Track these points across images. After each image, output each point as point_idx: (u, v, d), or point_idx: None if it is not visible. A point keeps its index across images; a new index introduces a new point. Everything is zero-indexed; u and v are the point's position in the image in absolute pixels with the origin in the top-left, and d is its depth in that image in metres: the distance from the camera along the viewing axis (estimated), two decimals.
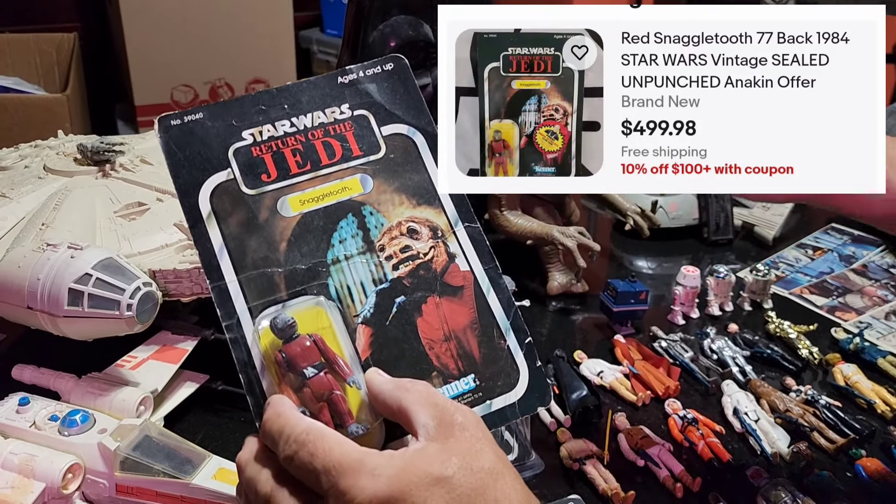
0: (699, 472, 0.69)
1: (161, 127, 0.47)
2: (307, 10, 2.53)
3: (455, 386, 0.46)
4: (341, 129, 0.50)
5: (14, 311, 0.68)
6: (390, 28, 0.97)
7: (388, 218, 0.48)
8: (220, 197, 0.46)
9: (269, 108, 0.49)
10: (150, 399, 0.69)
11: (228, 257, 0.45)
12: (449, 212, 0.50)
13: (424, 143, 0.51)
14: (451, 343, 0.47)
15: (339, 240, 0.47)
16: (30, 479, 0.59)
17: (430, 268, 0.48)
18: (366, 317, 0.46)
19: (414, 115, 0.52)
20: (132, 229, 0.77)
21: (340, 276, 0.46)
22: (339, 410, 0.43)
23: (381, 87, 0.51)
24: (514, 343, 0.48)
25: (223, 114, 0.48)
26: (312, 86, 0.50)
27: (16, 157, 0.91)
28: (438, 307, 0.47)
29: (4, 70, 2.11)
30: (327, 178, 0.48)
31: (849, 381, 0.82)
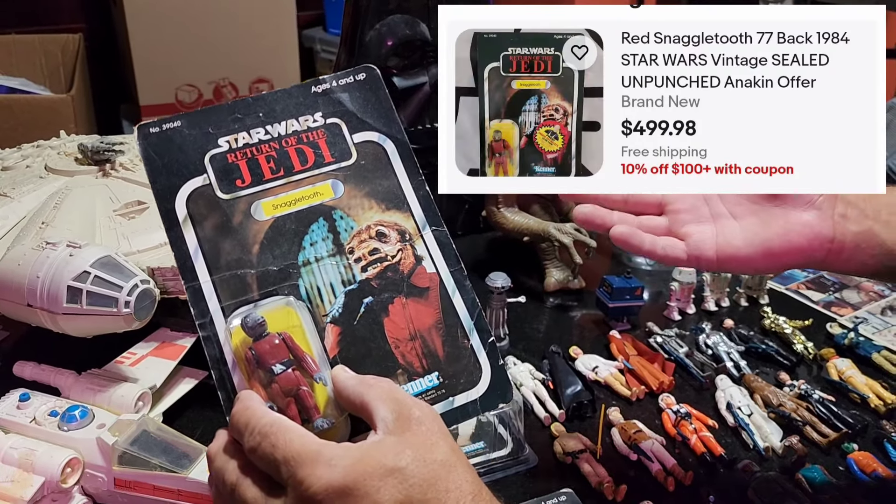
0: (691, 466, 0.69)
1: (140, 134, 0.49)
2: (310, 10, 2.54)
3: (419, 383, 0.47)
4: (314, 136, 0.51)
5: (14, 308, 0.69)
6: (387, 27, 0.98)
7: (357, 222, 0.50)
8: (195, 201, 0.48)
9: (245, 117, 0.50)
10: (149, 395, 0.70)
11: (203, 259, 0.47)
12: (417, 216, 0.51)
13: (394, 149, 0.53)
14: (416, 342, 0.48)
15: (310, 242, 0.49)
16: (29, 473, 0.60)
17: (397, 270, 0.50)
18: (334, 316, 0.48)
19: (384, 124, 0.53)
20: (131, 228, 0.78)
21: (311, 278, 0.48)
22: (305, 405, 0.44)
23: (353, 96, 0.53)
24: (477, 342, 0.49)
25: (200, 122, 0.50)
26: (287, 95, 0.52)
27: (18, 156, 0.93)
28: (405, 307, 0.49)
29: (10, 71, 2.13)
30: (300, 184, 0.50)
31: (843, 376, 0.82)
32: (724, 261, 0.57)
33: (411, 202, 0.51)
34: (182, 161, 0.49)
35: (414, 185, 0.52)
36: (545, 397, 0.78)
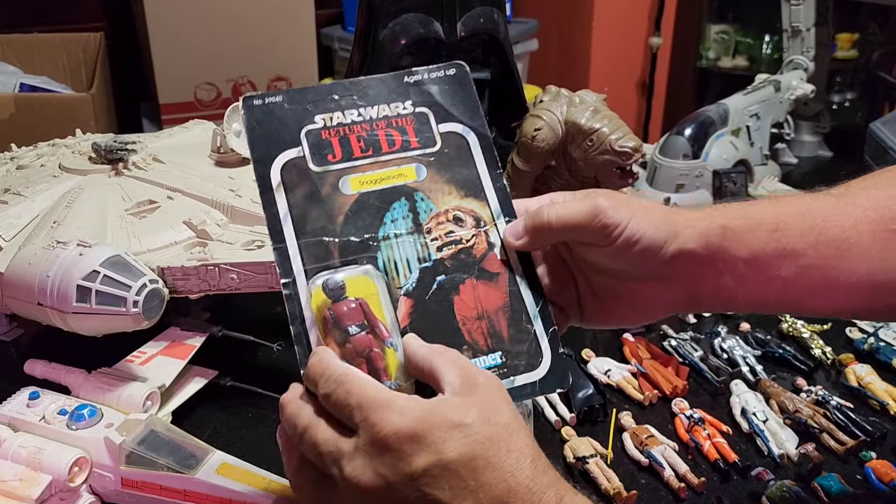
0: (704, 473, 0.68)
1: (245, 105, 0.52)
2: (329, 8, 2.54)
3: (483, 360, 0.50)
4: (403, 122, 0.54)
5: (26, 307, 0.69)
6: (400, 26, 0.98)
7: (436, 205, 0.53)
8: (289, 171, 0.51)
9: (341, 98, 0.54)
10: (157, 394, 0.70)
11: (291, 223, 0.50)
12: (493, 206, 0.54)
13: (476, 142, 0.55)
14: (482, 322, 0.51)
15: (391, 219, 0.52)
16: (37, 471, 0.60)
17: (470, 253, 0.52)
18: (408, 290, 0.50)
19: (470, 117, 0.55)
20: (142, 227, 0.78)
21: (389, 252, 0.51)
22: (375, 367, 0.47)
23: (442, 88, 0.56)
24: (540, 329, 0.51)
25: (300, 98, 0.53)
26: (381, 82, 0.55)
27: (33, 155, 0.93)
28: (474, 289, 0.51)
29: (33, 69, 2.15)
30: (386, 164, 0.53)
31: (862, 382, 0.80)
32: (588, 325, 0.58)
33: (488, 192, 0.54)
34: (280, 132, 0.52)
35: (492, 177, 0.54)
36: (556, 400, 0.77)
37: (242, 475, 0.61)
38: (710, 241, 0.52)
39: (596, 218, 0.50)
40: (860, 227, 0.53)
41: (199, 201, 0.82)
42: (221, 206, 0.82)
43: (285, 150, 0.51)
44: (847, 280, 0.52)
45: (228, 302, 0.87)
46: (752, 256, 0.52)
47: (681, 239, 0.52)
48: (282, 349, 0.79)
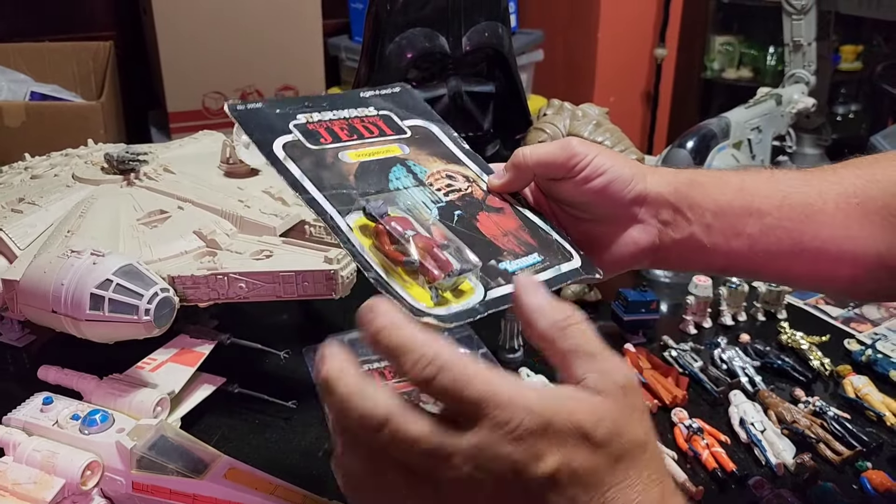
0: (702, 482, 0.69)
1: (230, 108, 0.56)
2: (336, 18, 2.56)
3: (525, 260, 0.53)
4: (373, 120, 0.60)
5: (40, 314, 0.71)
6: (406, 40, 1.00)
7: (428, 168, 0.58)
8: (290, 149, 0.55)
9: (314, 105, 0.59)
10: (167, 400, 0.72)
11: (309, 181, 0.53)
12: (473, 168, 0.59)
13: (439, 130, 0.62)
14: (509, 237, 0.54)
15: (395, 177, 0.56)
16: (51, 475, 0.62)
17: (473, 196, 0.57)
18: (435, 220, 0.53)
19: (425, 116, 0.63)
20: (153, 236, 0.80)
21: (405, 199, 0.54)
22: (441, 261, 0.48)
23: (394, 101, 0.63)
24: (560, 237, 0.56)
25: (279, 105, 0.58)
26: (342, 97, 0.61)
27: (46, 165, 0.95)
28: (490, 217, 0.55)
29: (44, 77, 2.18)
30: (373, 144, 0.58)
31: (859, 393, 0.82)
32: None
33: (465, 160, 0.60)
34: (270, 126, 0.56)
35: (463, 150, 0.61)
36: None
37: (250, 480, 0.62)
38: (679, 188, 0.55)
39: (565, 150, 0.54)
40: (825, 196, 0.55)
41: (208, 211, 0.84)
42: (230, 216, 0.83)
43: (280, 136, 0.55)
44: (811, 245, 0.55)
45: (237, 309, 0.88)
46: (718, 209, 0.55)
47: (649, 181, 0.55)
48: (289, 357, 0.81)
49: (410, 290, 0.47)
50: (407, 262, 0.48)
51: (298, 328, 0.96)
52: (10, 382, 0.85)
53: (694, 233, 0.56)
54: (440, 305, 0.47)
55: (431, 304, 0.47)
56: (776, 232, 0.55)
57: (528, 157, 0.55)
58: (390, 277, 0.48)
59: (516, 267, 0.52)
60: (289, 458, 0.75)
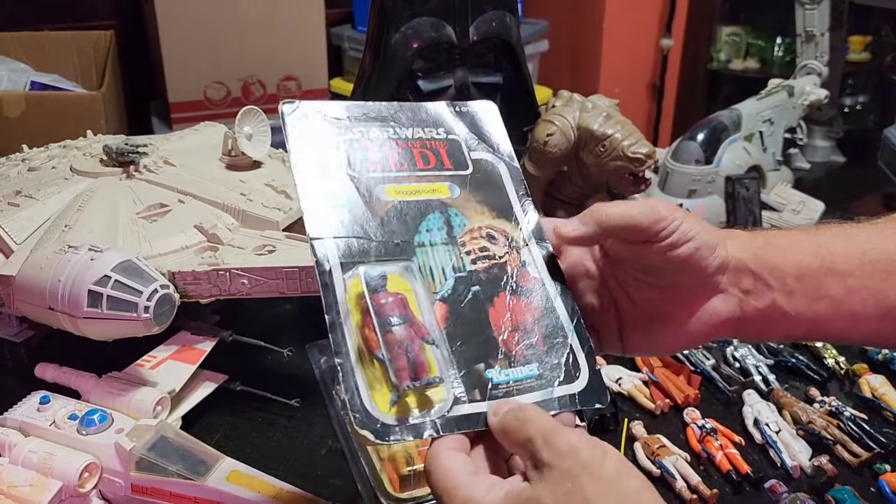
0: (716, 484, 0.68)
1: (287, 108, 0.53)
2: (339, 7, 2.53)
3: (519, 371, 0.48)
4: (437, 145, 0.55)
5: (37, 311, 0.69)
6: (412, 30, 0.97)
7: (470, 221, 0.53)
8: (326, 171, 0.51)
9: (377, 117, 0.55)
10: (168, 399, 0.70)
11: (328, 221, 0.49)
12: (524, 229, 0.54)
13: (507, 171, 0.56)
14: (518, 333, 0.49)
15: (426, 228, 0.51)
16: (48, 477, 0.60)
17: (504, 268, 0.52)
18: (444, 295, 0.49)
19: (500, 148, 0.57)
20: (153, 231, 0.78)
21: (424, 258, 0.50)
22: (416, 361, 0.46)
23: (473, 121, 0.57)
24: (576, 344, 0.50)
25: (337, 111, 0.54)
26: (415, 108, 0.56)
27: (44, 157, 0.93)
28: (509, 303, 0.50)
29: (44, 67, 2.15)
30: (420, 179, 0.53)
31: (876, 393, 0.80)
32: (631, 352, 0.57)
33: (520, 217, 0.54)
34: (318, 136, 0.52)
35: (522, 204, 0.55)
36: None
37: (253, 483, 0.61)
38: (757, 253, 0.51)
39: (653, 211, 0.49)
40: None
41: (209, 205, 0.82)
42: (232, 210, 0.82)
43: (325, 152, 0.52)
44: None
45: (238, 305, 0.86)
46: (798, 272, 0.51)
47: (730, 247, 0.51)
48: (292, 354, 0.79)
49: (373, 386, 0.44)
50: (377, 356, 0.45)
51: (302, 324, 0.94)
52: (7, 379, 0.84)
53: (776, 300, 0.51)
54: (397, 412, 0.44)
55: (387, 409, 0.44)
56: (860, 293, 0.50)
57: (612, 215, 0.50)
58: (359, 365, 0.45)
59: (503, 379, 0.47)
60: (292, 456, 0.73)
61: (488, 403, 0.46)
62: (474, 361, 0.47)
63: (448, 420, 0.45)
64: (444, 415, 0.45)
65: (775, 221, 1.15)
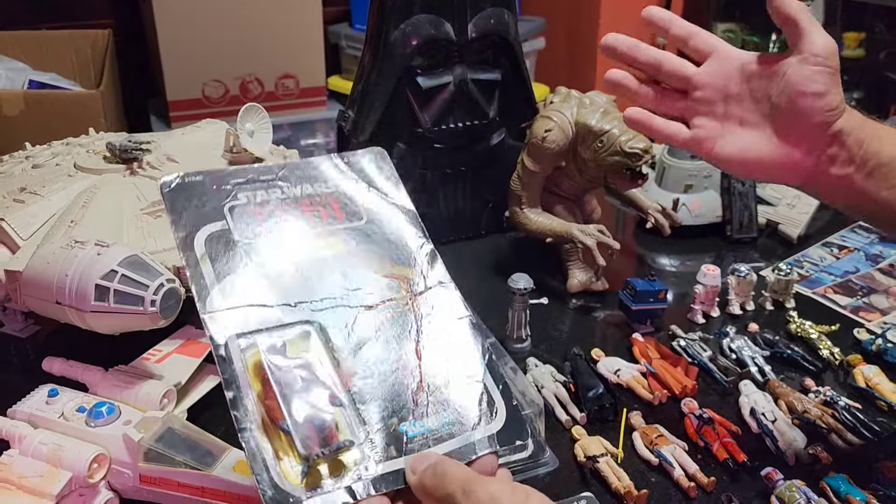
0: (714, 472, 0.69)
1: (164, 185, 0.52)
2: (336, 6, 2.54)
3: (434, 420, 0.47)
4: (327, 199, 0.55)
5: (44, 305, 0.70)
6: (411, 27, 0.98)
7: (369, 272, 0.52)
8: (213, 242, 0.50)
9: (263, 181, 0.54)
10: (174, 392, 0.71)
11: (219, 291, 0.48)
12: (425, 273, 0.54)
13: (402, 216, 0.56)
14: (428, 381, 0.49)
15: (324, 286, 0.51)
16: (58, 468, 0.61)
17: (407, 316, 0.51)
18: (347, 354, 0.48)
19: (393, 194, 0.58)
20: (157, 226, 0.79)
21: (325, 318, 0.49)
22: (325, 426, 0.44)
23: (364, 169, 0.58)
24: (490, 383, 0.50)
25: (221, 180, 0.53)
26: (303, 165, 0.56)
27: (48, 154, 0.94)
28: (416, 351, 0.50)
29: (42, 66, 2.16)
30: (316, 237, 0.53)
31: (870, 383, 0.81)
32: (713, 157, 0.65)
33: (419, 260, 0.54)
34: (202, 208, 0.52)
35: (419, 245, 0.55)
36: (566, 400, 0.78)
37: None
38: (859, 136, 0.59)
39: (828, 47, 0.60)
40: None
41: None
42: None
43: (208, 223, 0.51)
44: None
45: None
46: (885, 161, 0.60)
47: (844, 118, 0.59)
48: None
49: (280, 458, 0.43)
50: (281, 427, 0.43)
51: None
52: (13, 374, 0.85)
53: (851, 175, 0.60)
54: (308, 483, 0.43)
55: (298, 481, 0.43)
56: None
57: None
58: (264, 439, 0.43)
59: (418, 431, 0.46)
60: None
61: (406, 459, 0.45)
62: (388, 417, 0.46)
63: (365, 482, 0.44)
64: (359, 477, 0.44)
65: (771, 216, 1.17)
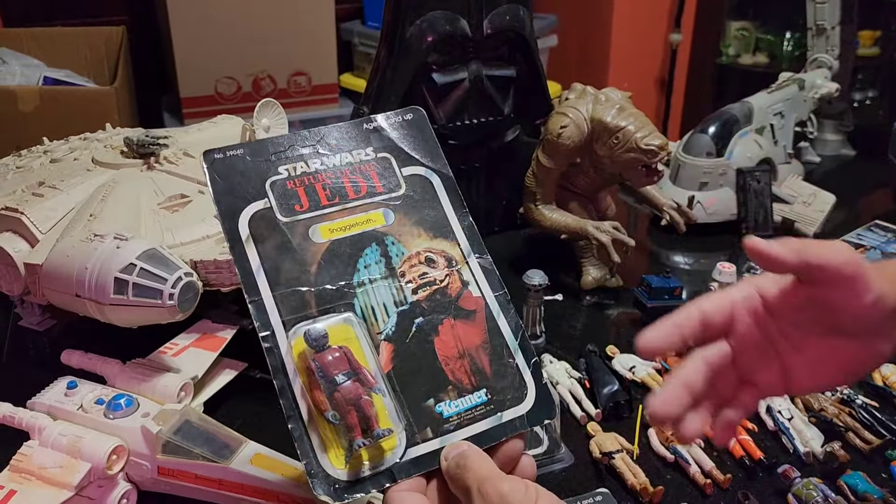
0: (730, 470, 0.69)
1: (206, 159, 0.51)
2: (349, 3, 2.54)
3: (469, 399, 0.49)
4: (366, 168, 0.54)
5: (63, 298, 0.71)
6: (427, 23, 0.98)
7: (407, 248, 0.52)
8: (257, 223, 0.50)
9: (303, 148, 0.54)
10: (191, 385, 0.71)
11: (265, 276, 0.49)
12: (462, 245, 0.54)
13: (440, 183, 0.55)
14: (464, 360, 0.50)
15: (364, 265, 0.51)
16: (77, 459, 0.62)
17: (445, 293, 0.52)
18: (388, 334, 0.50)
19: (431, 160, 0.56)
20: (175, 221, 0.79)
21: (365, 298, 0.50)
22: (366, 415, 0.46)
23: (401, 133, 0.56)
24: (521, 362, 0.51)
25: (261, 150, 0.53)
26: (340, 129, 0.55)
27: (66, 149, 0.95)
28: (453, 328, 0.51)
29: (56, 63, 2.17)
30: (353, 211, 0.52)
31: (887, 382, 0.81)
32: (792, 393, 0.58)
33: (457, 232, 0.54)
34: (244, 185, 0.51)
35: (459, 216, 0.55)
36: (581, 396, 0.78)
37: (276, 465, 0.62)
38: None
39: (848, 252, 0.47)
40: None
41: None
42: None
43: (251, 203, 0.51)
44: None
45: None
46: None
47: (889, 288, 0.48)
48: None
49: (327, 447, 0.46)
50: (326, 417, 0.46)
51: None
52: (30, 367, 0.85)
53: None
54: (352, 467, 0.45)
55: (342, 465, 0.45)
56: None
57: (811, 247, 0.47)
58: (312, 426, 0.46)
59: (453, 412, 0.48)
60: None
61: (441, 440, 0.47)
62: (424, 398, 0.48)
63: (402, 465, 0.46)
64: (397, 461, 0.46)
65: (786, 214, 1.16)
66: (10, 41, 2.14)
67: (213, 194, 0.51)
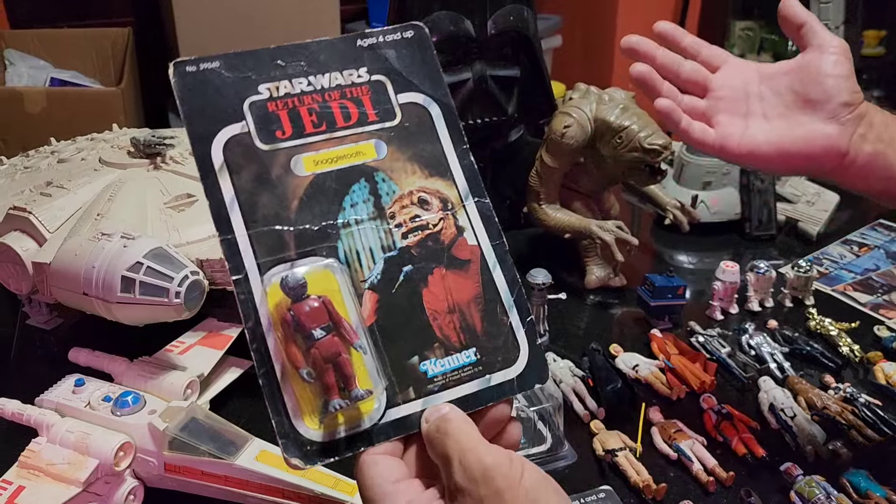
0: (732, 467, 0.69)
1: (176, 72, 0.45)
2: (353, 4, 2.55)
3: (456, 358, 0.45)
4: (358, 92, 0.48)
5: (71, 296, 0.72)
6: (431, 23, 0.99)
7: (399, 186, 0.47)
8: (232, 149, 0.44)
9: (287, 65, 0.47)
10: (197, 383, 0.72)
11: (239, 210, 0.43)
12: (460, 185, 0.48)
13: (440, 113, 0.49)
14: (454, 315, 0.46)
15: (350, 203, 0.46)
16: (84, 455, 0.62)
17: (438, 239, 0.47)
18: (373, 283, 0.45)
19: (430, 86, 0.49)
20: (181, 220, 0.80)
21: (350, 241, 0.45)
22: (345, 374, 0.42)
23: (399, 53, 0.49)
24: (516, 320, 0.46)
25: (239, 65, 0.46)
26: (331, 45, 0.48)
27: (73, 149, 0.95)
28: (444, 279, 0.46)
29: (63, 64, 2.19)
30: (342, 141, 0.46)
31: (890, 380, 0.81)
32: (744, 155, 0.64)
33: (455, 170, 0.48)
34: (220, 105, 0.44)
35: (458, 153, 0.49)
36: (585, 394, 0.79)
37: (281, 462, 0.62)
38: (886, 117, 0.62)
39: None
40: None
41: None
42: None
43: (227, 125, 0.44)
44: None
45: None
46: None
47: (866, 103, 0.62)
48: None
49: (301, 405, 0.41)
50: (301, 374, 0.41)
51: None
52: (38, 364, 0.86)
53: (885, 151, 0.61)
54: (326, 428, 0.41)
55: (316, 426, 0.41)
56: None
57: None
58: (286, 383, 0.41)
59: (439, 371, 0.44)
60: None
61: (424, 401, 0.43)
62: (408, 355, 0.44)
63: (381, 427, 0.42)
64: (376, 423, 0.42)
65: (790, 213, 1.16)
66: (17, 43, 2.16)
67: (182, 114, 0.44)
